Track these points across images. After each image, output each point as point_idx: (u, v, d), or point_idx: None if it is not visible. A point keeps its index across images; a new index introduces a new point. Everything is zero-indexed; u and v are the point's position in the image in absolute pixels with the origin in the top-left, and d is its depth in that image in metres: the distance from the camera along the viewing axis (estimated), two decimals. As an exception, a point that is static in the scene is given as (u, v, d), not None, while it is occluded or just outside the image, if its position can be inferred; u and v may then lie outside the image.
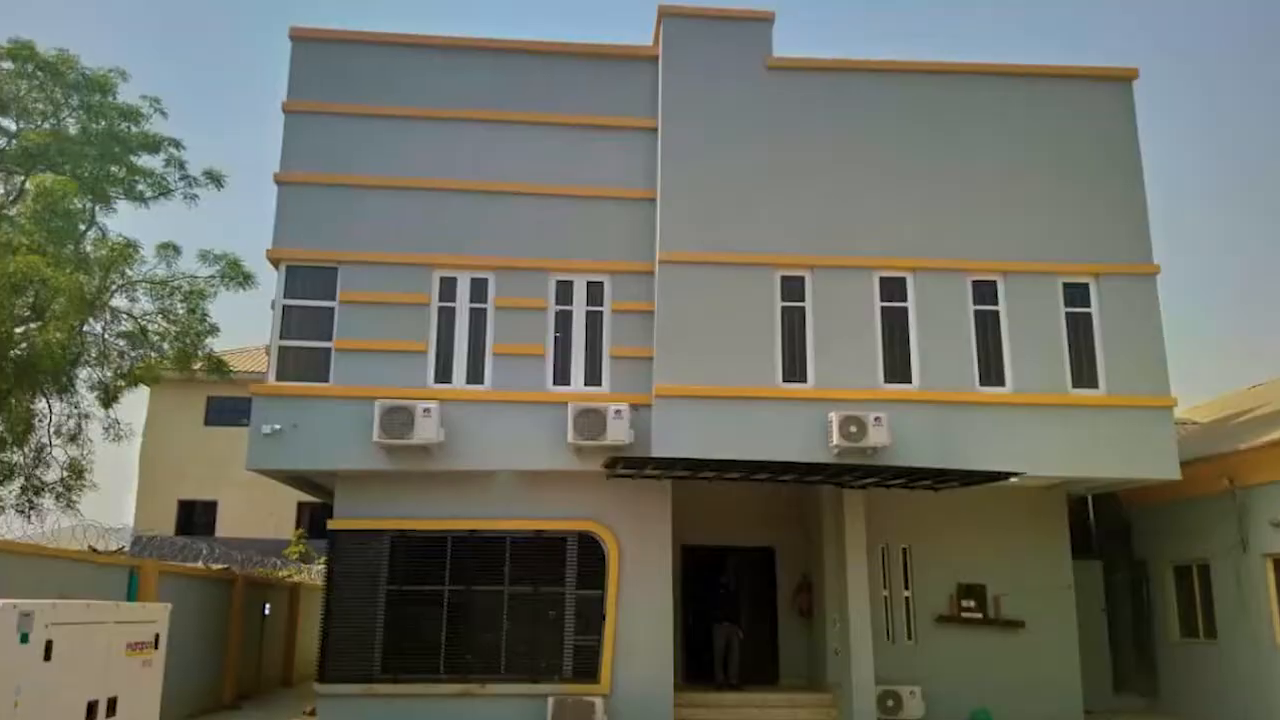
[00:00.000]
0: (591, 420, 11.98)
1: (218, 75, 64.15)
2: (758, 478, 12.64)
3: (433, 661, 12.36)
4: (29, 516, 16.27)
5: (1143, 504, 15.45)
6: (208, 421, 25.87)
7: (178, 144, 18.02)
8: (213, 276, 17.39)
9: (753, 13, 13.72)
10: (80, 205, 16.96)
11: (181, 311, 17.38)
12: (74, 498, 16.65)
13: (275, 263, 12.86)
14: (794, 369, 12.68)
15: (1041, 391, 12.70)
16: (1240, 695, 13.42)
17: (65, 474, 16.81)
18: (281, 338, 12.63)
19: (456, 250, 12.93)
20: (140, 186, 17.79)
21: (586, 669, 12.39)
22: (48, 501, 16.54)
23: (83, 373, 17.12)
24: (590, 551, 12.73)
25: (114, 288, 16.91)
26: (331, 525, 12.77)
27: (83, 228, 17.30)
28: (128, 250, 16.51)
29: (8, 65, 17.12)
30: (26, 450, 16.54)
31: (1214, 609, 14.15)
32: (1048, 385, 12.74)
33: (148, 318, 17.44)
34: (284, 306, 12.71)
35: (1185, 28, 57.10)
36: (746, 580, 14.92)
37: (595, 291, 13.06)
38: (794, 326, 12.83)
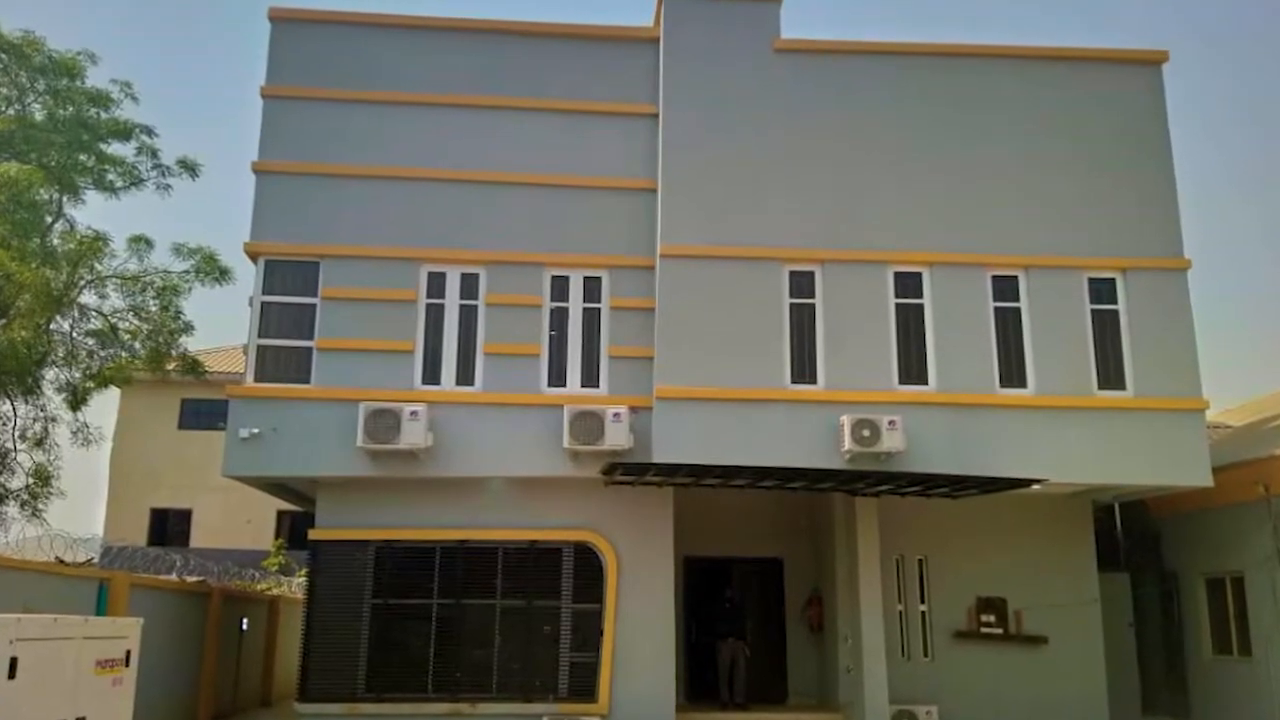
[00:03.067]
0: (589, 424, 11.98)
1: (193, 58, 64.23)
2: (765, 485, 12.64)
3: (420, 679, 12.36)
4: (-8, 526, 16.28)
5: (1172, 512, 15.45)
6: (182, 425, 25.92)
7: (150, 131, 18.05)
8: (187, 271, 17.42)
9: (759, -8, 13.71)
10: (46, 196, 16.98)
11: (154, 308, 17.41)
12: (40, 506, 16.66)
13: (253, 257, 12.86)
14: (803, 369, 12.67)
15: (1065, 393, 12.70)
16: (1276, 715, 13.41)
17: (31, 481, 16.82)
18: (260, 336, 12.63)
19: (445, 244, 12.93)
20: (110, 176, 17.81)
21: (583, 687, 12.39)
22: (12, 510, 16.55)
23: (49, 373, 17.15)
24: (587, 563, 12.73)
25: (83, 283, 16.94)
26: (313, 535, 12.76)
27: (49, 220, 17.32)
28: (97, 243, 16.54)
29: (-30, 48, 17.14)
30: (-10, 456, 16.55)
31: (1248, 624, 14.13)
32: (1072, 386, 12.74)
33: (118, 315, 17.47)
34: (262, 303, 12.71)
35: (1217, 9, 57.08)
36: (753, 593, 14.93)
37: (592, 287, 13.06)
38: (803, 324, 12.83)
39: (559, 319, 12.97)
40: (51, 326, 16.67)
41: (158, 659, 11.75)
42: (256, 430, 12.13)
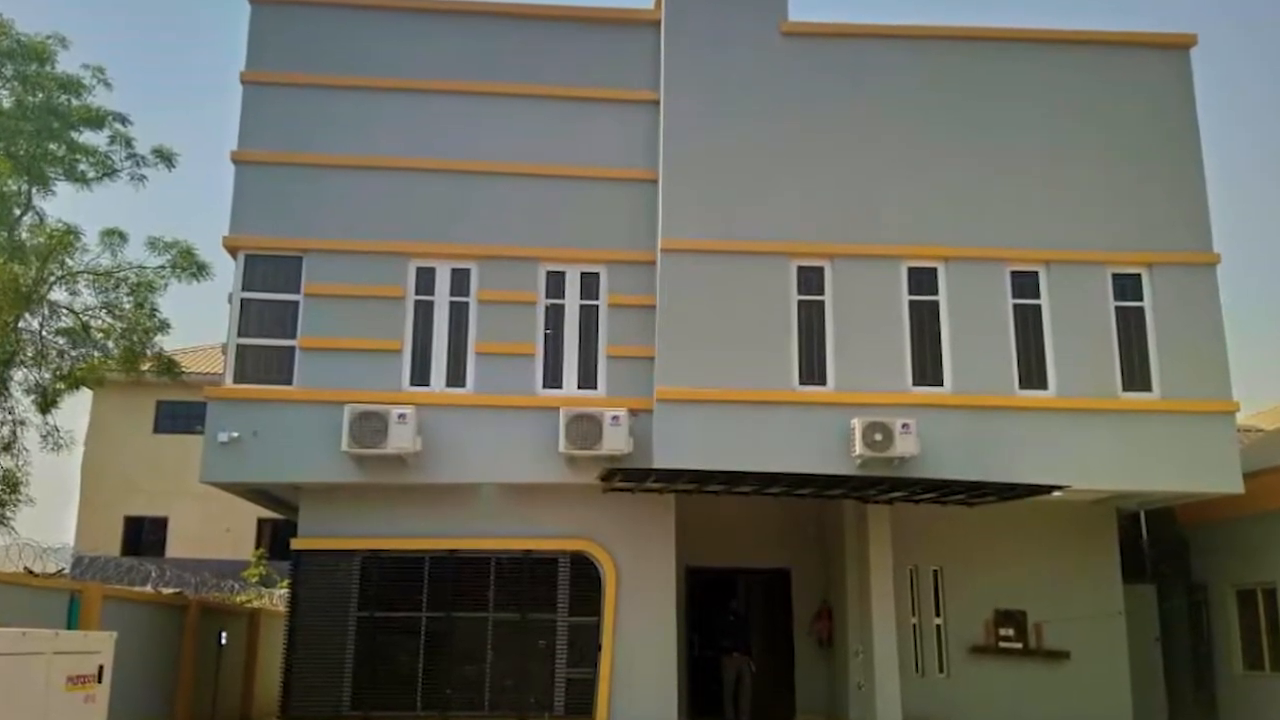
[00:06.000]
0: (586, 427, 11.98)
1: (169, 42, 64.24)
2: (771, 491, 12.64)
3: (408, 696, 12.36)
4: (-43, 535, 16.27)
5: (1201, 521, 15.45)
6: (157, 429, 25.95)
7: (124, 119, 18.03)
8: (163, 267, 17.41)
9: (766, -28, 13.72)
10: (15, 187, 16.99)
11: (128, 306, 17.41)
12: (8, 514, 16.65)
13: (233, 251, 12.87)
14: (812, 370, 12.69)
15: (1088, 395, 12.71)
16: (1310, 734, 13.43)
17: (-2, 487, 16.81)
18: (240, 335, 12.64)
19: (435, 238, 12.94)
20: (82, 166, 17.80)
21: (580, 705, 12.40)
22: (-21, 518, 16.54)
23: (18, 374, 17.14)
24: (584, 574, 12.73)
25: (53, 279, 16.94)
26: (295, 544, 12.77)
27: (18, 212, 17.32)
28: (68, 237, 16.54)
29: (-67, 31, 17.14)
30: (-45, 461, 16.55)
31: (1281, 638, 14.16)
32: (1095, 388, 12.75)
33: (90, 313, 17.46)
34: (242, 300, 12.73)
35: (1249, -11, 57.03)
36: (759, 606, 14.95)
37: (590, 284, 13.07)
38: (812, 323, 12.84)
39: (555, 317, 12.98)
40: (20, 325, 16.67)
41: (132, 674, 11.74)
42: (236, 434, 12.14)
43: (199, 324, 52.48)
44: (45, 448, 17.36)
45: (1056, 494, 12.16)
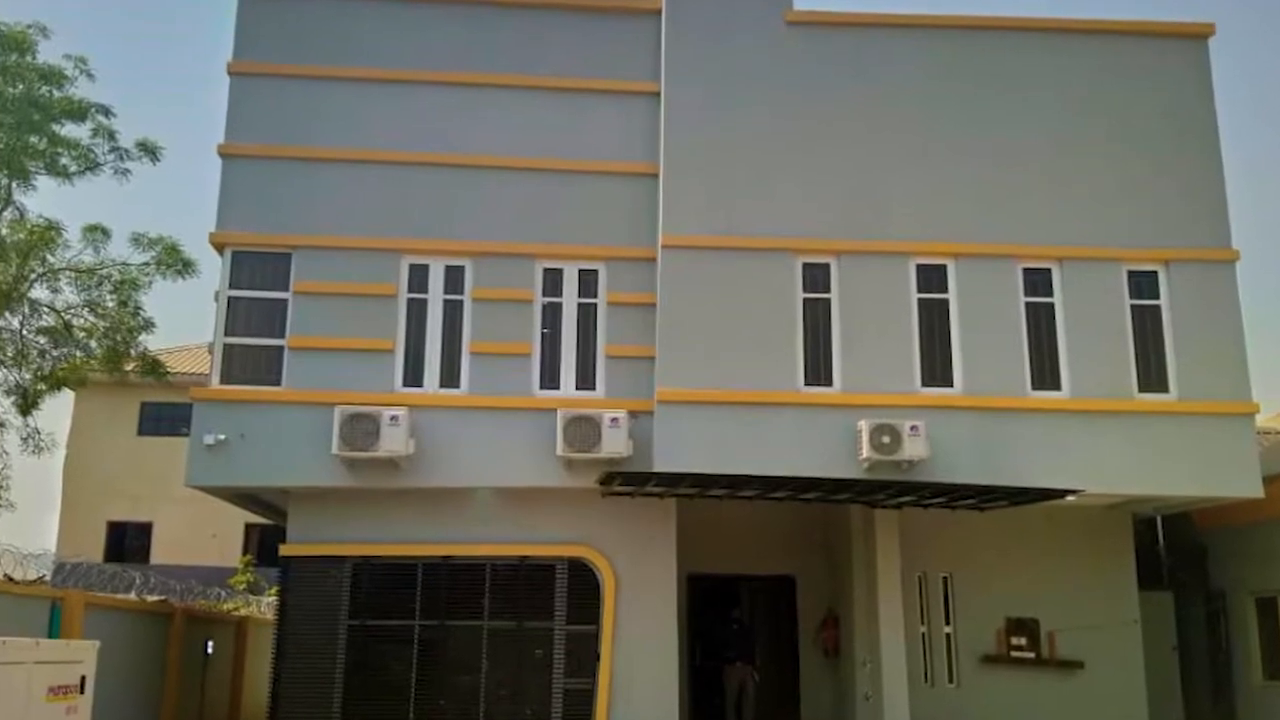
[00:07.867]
0: (584, 429, 11.98)
1: (153, 31, 64.26)
2: (775, 496, 12.65)
3: (401, 707, 12.36)
4: (-65, 540, 16.27)
5: (1220, 526, 15.45)
6: (141, 431, 25.96)
7: (107, 111, 18.04)
8: (147, 264, 17.44)
9: (770, -40, 13.73)
10: (-6, 181, 17.00)
11: (111, 304, 17.44)
12: (-13, 518, 16.68)
13: (219, 248, 12.87)
14: (818, 370, 12.69)
15: (1103, 396, 12.71)
16: (1332, 747, 13.43)
17: (-23, 491, 16.84)
18: (227, 334, 12.64)
19: (429, 234, 12.94)
20: (64, 160, 17.81)
21: (578, 716, 12.39)
22: (-43, 523, 16.57)
23: (-3, 375, 17.17)
24: (583, 581, 12.73)
25: (33, 276, 16.96)
26: (284, 551, 12.77)
27: (-3, 207, 17.33)
28: (49, 233, 16.56)
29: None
30: (-68, 464, 16.57)
31: (1302, 647, 14.17)
32: (1110, 389, 12.75)
33: (72, 311, 17.50)
34: (229, 298, 12.73)
35: (1269, -23, 57.00)
36: (762, 614, 14.96)
37: (588, 281, 13.07)
38: (817, 321, 12.84)
39: (552, 315, 12.98)
40: (-1, 323, 16.71)
41: (115, 685, 11.75)
42: (223, 436, 12.13)
43: (185, 323, 52.48)
44: (25, 450, 17.42)
45: (1070, 498, 12.15)
